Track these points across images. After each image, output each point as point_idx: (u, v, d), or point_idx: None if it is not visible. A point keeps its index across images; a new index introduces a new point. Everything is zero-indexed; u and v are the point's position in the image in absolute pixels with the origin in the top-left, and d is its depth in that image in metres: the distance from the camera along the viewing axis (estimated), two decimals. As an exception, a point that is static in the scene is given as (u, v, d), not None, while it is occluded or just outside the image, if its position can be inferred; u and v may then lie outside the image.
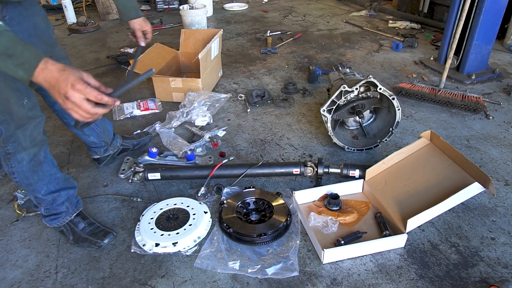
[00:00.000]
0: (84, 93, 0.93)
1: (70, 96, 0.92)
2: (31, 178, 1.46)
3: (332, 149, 2.22)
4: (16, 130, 1.33)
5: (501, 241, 1.61)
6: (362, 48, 3.74)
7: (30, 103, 1.36)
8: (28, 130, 1.37)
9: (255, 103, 2.69)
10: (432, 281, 1.44)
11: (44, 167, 1.49)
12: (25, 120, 1.35)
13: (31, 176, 1.45)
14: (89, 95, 0.94)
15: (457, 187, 1.55)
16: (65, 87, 0.92)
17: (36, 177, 1.47)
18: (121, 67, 3.38)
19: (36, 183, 1.48)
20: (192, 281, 1.46)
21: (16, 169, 1.41)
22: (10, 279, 1.49)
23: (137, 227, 1.67)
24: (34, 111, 1.38)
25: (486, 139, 2.29)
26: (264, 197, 1.77)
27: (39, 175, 1.48)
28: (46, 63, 0.94)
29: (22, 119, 1.34)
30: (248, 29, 4.37)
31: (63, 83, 0.92)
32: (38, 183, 1.49)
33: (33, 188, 1.49)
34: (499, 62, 3.32)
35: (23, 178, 1.45)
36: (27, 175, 1.44)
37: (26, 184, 1.47)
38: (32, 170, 1.45)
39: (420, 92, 2.67)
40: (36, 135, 1.41)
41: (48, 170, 1.51)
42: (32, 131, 1.38)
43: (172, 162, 2.10)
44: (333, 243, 1.58)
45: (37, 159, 1.45)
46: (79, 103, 0.94)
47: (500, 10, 2.80)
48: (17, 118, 1.32)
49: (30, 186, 1.48)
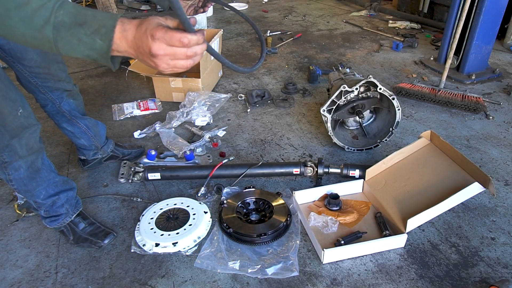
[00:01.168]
0: (166, 40, 0.73)
1: (154, 51, 0.74)
2: (29, 184, 1.44)
3: (332, 149, 2.22)
4: (10, 140, 1.29)
5: (501, 241, 1.61)
6: (362, 48, 3.74)
7: (26, 112, 1.33)
8: (23, 139, 1.34)
9: (255, 103, 2.69)
10: (432, 281, 1.44)
11: (42, 173, 1.47)
12: (19, 130, 1.31)
13: (29, 183, 1.43)
14: (172, 41, 0.73)
15: (457, 187, 1.55)
16: (146, 41, 0.74)
17: (35, 184, 1.45)
18: (121, 67, 3.38)
19: (35, 189, 1.46)
20: (192, 281, 1.46)
21: (13, 177, 1.39)
22: (10, 279, 1.49)
23: (137, 227, 1.67)
24: (29, 120, 1.35)
25: (486, 139, 2.29)
26: (264, 197, 1.77)
27: (37, 182, 1.46)
28: (122, 23, 0.76)
29: (17, 129, 1.30)
30: (248, 29, 4.37)
31: (144, 38, 0.74)
32: (37, 189, 1.47)
33: (32, 194, 1.47)
34: (499, 62, 3.32)
35: (21, 185, 1.43)
36: (25, 182, 1.42)
37: (24, 190, 1.45)
38: (30, 177, 1.43)
39: (420, 92, 2.67)
40: (32, 144, 1.38)
41: (46, 176, 1.49)
42: (28, 139, 1.36)
43: (171, 164, 2.09)
44: (333, 243, 1.58)
45: (35, 166, 1.43)
46: (170, 52, 0.74)
47: (500, 10, 2.80)
48: (11, 128, 1.29)
49: (29, 192, 1.46)
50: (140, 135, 2.37)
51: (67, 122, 1.77)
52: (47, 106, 1.66)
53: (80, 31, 0.75)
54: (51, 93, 1.61)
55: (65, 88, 1.65)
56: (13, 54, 1.37)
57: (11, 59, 1.39)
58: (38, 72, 1.48)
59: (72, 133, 1.83)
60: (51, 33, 0.75)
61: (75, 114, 1.76)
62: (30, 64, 1.43)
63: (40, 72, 1.49)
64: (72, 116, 1.75)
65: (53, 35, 0.75)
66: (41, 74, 1.49)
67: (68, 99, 1.69)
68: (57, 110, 1.69)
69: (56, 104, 1.66)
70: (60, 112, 1.71)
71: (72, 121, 1.77)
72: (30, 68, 1.44)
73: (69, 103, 1.71)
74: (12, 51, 1.37)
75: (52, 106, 1.66)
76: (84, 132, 1.85)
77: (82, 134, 1.85)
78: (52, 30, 0.75)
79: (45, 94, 1.59)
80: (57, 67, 1.57)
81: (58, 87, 1.62)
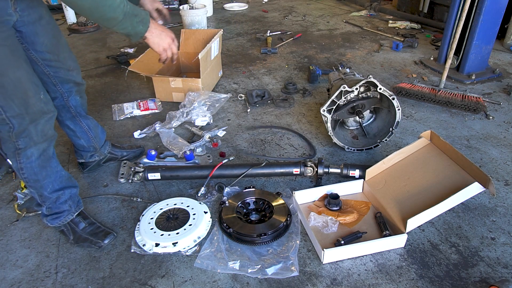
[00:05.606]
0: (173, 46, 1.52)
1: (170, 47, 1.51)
2: (39, 174, 1.48)
3: (332, 149, 2.22)
4: (29, 125, 1.36)
5: (501, 241, 1.61)
6: (362, 48, 3.74)
7: (45, 98, 1.43)
8: (40, 125, 1.41)
9: (255, 103, 2.69)
10: (432, 281, 1.44)
11: (53, 163, 1.53)
12: (39, 114, 1.39)
13: (40, 172, 1.48)
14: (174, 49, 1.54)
15: (457, 187, 1.55)
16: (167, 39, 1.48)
17: (45, 173, 1.50)
18: (121, 67, 3.38)
19: (44, 179, 1.51)
20: (192, 281, 1.46)
21: (25, 165, 1.44)
22: (10, 279, 1.49)
23: (137, 227, 1.67)
24: (48, 105, 1.45)
25: (486, 139, 2.29)
26: (264, 197, 1.77)
27: (47, 171, 1.51)
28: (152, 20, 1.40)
29: (37, 113, 1.38)
30: (248, 29, 4.38)
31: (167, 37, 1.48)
32: (46, 180, 1.51)
33: (41, 185, 1.51)
34: (499, 62, 3.32)
35: (32, 174, 1.47)
36: (35, 171, 1.47)
37: (34, 180, 1.49)
38: (41, 165, 1.48)
39: (420, 92, 2.67)
40: (47, 130, 1.45)
41: (55, 166, 1.55)
42: (44, 126, 1.43)
43: (171, 164, 2.09)
44: (333, 243, 1.58)
45: (47, 154, 1.49)
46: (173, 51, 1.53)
47: (500, 10, 2.80)
48: (32, 112, 1.36)
49: (38, 182, 1.50)
50: (140, 135, 2.38)
51: (70, 119, 1.80)
52: (56, 99, 1.68)
53: (134, 19, 1.31)
54: (62, 86, 1.65)
55: (75, 79, 1.69)
56: (27, 39, 1.41)
57: (26, 45, 1.43)
58: (49, 59, 1.52)
59: (74, 132, 1.84)
60: (122, 16, 1.27)
61: (80, 111, 1.80)
62: (41, 49, 1.47)
63: (51, 59, 1.53)
64: (77, 113, 1.79)
65: (122, 18, 1.28)
66: (52, 62, 1.54)
67: (75, 96, 1.74)
68: (64, 105, 1.73)
69: (64, 98, 1.70)
70: (67, 107, 1.74)
71: (76, 119, 1.80)
72: (42, 54, 1.48)
73: (75, 100, 1.75)
74: (26, 35, 1.41)
75: (60, 100, 1.70)
76: (85, 132, 1.87)
77: (83, 134, 1.87)
78: (123, 15, 1.27)
79: (56, 86, 1.63)
80: (66, 55, 1.61)
81: (68, 78, 1.65)
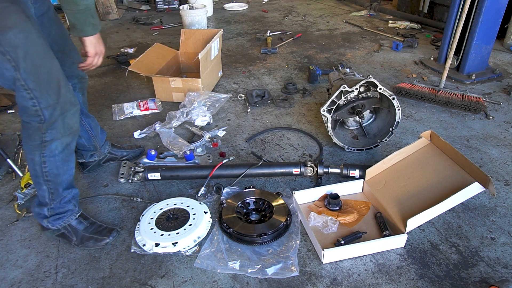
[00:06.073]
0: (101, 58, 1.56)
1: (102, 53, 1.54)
2: (61, 168, 1.50)
3: (332, 149, 2.22)
4: (59, 116, 1.39)
5: (501, 241, 1.61)
6: (362, 48, 3.74)
7: (71, 90, 1.47)
8: (67, 118, 1.43)
9: (255, 103, 2.69)
10: (432, 281, 1.44)
11: (74, 157, 1.56)
12: (68, 105, 1.42)
13: (62, 166, 1.50)
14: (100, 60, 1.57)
15: (457, 187, 1.55)
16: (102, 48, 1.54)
17: (66, 167, 1.52)
18: (121, 67, 3.38)
19: (65, 173, 1.52)
20: (192, 281, 1.46)
21: (48, 158, 1.45)
22: (10, 279, 1.49)
23: (137, 227, 1.67)
24: (75, 97, 1.49)
25: (486, 139, 2.29)
26: (264, 197, 1.77)
27: (68, 165, 1.53)
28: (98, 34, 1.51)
29: (67, 103, 1.41)
30: (248, 29, 4.38)
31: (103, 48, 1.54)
32: (65, 175, 1.53)
33: (60, 181, 1.52)
34: (499, 62, 3.32)
35: (54, 168, 1.48)
36: (58, 165, 1.48)
37: (55, 174, 1.49)
38: (65, 159, 1.50)
39: (420, 92, 2.67)
40: (73, 124, 1.47)
41: (73, 161, 1.57)
42: (70, 119, 1.45)
43: (171, 164, 2.09)
44: (333, 243, 1.58)
45: (70, 148, 1.52)
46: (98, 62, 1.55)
47: (500, 10, 2.80)
48: (63, 101, 1.39)
49: (59, 177, 1.51)
50: (140, 135, 2.37)
51: None
52: None
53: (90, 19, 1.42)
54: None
55: (79, 74, 1.72)
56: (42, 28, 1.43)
57: None
58: (55, 50, 1.52)
59: None
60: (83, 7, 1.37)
61: (82, 109, 1.80)
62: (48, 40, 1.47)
63: (57, 50, 1.54)
64: None
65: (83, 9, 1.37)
66: (58, 54, 1.53)
67: (78, 93, 1.75)
68: None
69: None
70: None
71: None
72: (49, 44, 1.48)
73: (78, 97, 1.75)
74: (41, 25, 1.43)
75: None
76: (86, 131, 1.87)
77: (84, 132, 1.87)
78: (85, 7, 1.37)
79: None
80: (71, 47, 1.65)
81: (73, 72, 1.67)
